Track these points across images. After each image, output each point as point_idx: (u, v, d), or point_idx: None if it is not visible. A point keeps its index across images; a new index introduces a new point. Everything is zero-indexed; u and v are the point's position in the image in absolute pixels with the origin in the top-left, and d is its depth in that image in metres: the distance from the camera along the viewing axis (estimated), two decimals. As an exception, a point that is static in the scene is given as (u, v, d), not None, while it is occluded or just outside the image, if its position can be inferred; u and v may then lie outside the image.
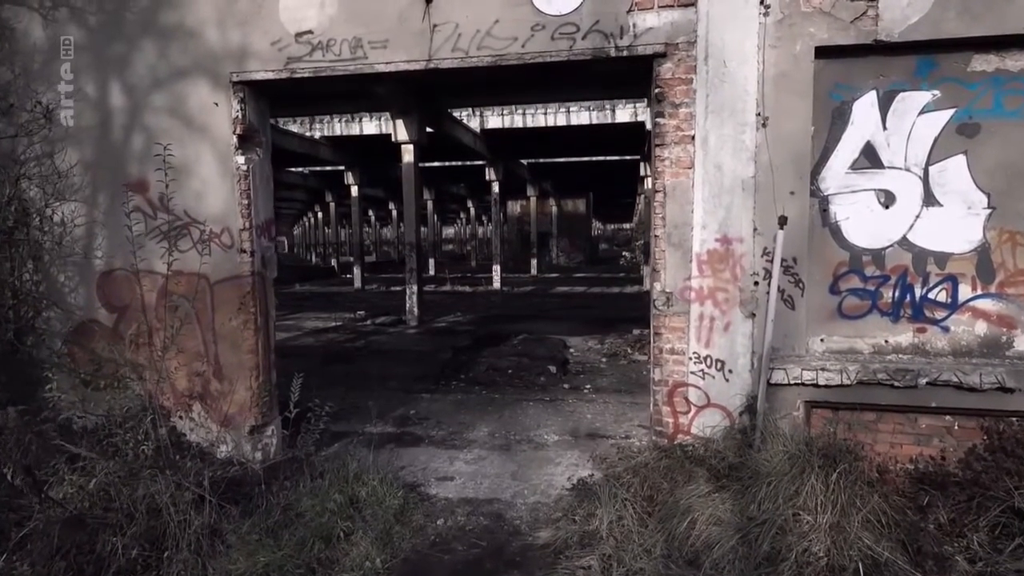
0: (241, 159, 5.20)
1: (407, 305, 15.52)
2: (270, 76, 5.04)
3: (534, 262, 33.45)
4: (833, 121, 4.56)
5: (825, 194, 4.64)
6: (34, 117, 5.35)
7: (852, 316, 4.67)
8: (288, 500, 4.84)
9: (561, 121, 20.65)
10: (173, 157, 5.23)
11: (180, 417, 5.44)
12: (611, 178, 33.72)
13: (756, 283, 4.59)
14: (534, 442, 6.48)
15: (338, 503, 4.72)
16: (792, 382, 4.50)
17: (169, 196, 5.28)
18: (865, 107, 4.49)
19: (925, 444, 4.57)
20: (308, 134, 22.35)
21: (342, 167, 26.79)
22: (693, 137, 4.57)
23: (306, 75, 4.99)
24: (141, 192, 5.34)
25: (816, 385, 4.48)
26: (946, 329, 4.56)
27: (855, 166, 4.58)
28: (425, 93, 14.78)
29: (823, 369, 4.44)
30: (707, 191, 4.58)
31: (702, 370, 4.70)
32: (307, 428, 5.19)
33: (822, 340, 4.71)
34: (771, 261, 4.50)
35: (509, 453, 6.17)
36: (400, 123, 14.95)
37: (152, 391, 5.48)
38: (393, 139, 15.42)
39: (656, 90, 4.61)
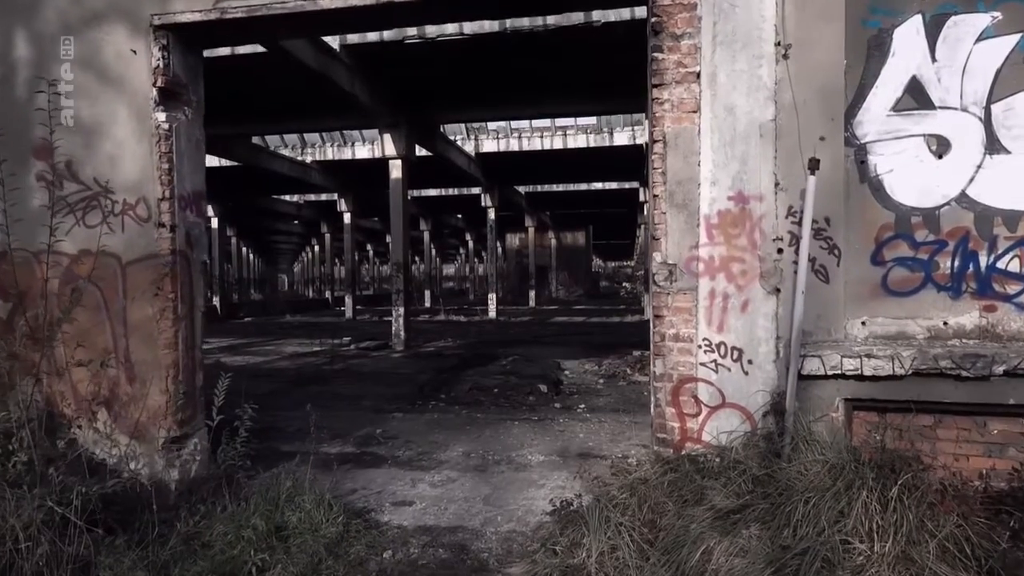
0: (162, 116, 4.39)
1: (393, 328, 14.59)
2: (197, 17, 4.28)
3: (532, 295, 32.59)
4: (870, 53, 3.75)
5: (862, 142, 3.79)
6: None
7: (900, 292, 3.77)
8: (196, 527, 3.87)
9: (558, 144, 20.13)
10: (83, 116, 4.45)
11: (80, 427, 4.48)
12: (611, 209, 33.19)
13: (780, 251, 3.70)
14: (515, 463, 5.49)
15: (259, 531, 3.75)
16: (829, 373, 3.56)
17: (77, 161, 4.45)
18: (908, 35, 3.69)
19: (998, 455, 3.61)
20: (300, 158, 21.83)
21: (335, 195, 26.24)
22: (698, 75, 3.75)
23: (239, 15, 4.23)
24: (45, 158, 4.51)
25: (860, 377, 3.54)
26: (1021, 307, 3.64)
27: (899, 107, 3.74)
28: (412, 102, 14.18)
29: (868, 356, 3.51)
30: (717, 139, 3.74)
31: (714, 361, 3.77)
32: (233, 441, 4.24)
33: (863, 323, 3.79)
34: (798, 223, 3.63)
35: (484, 475, 5.18)
36: (388, 137, 14.31)
37: (50, 395, 4.56)
38: (380, 154, 14.76)
39: (653, 19, 3.81)
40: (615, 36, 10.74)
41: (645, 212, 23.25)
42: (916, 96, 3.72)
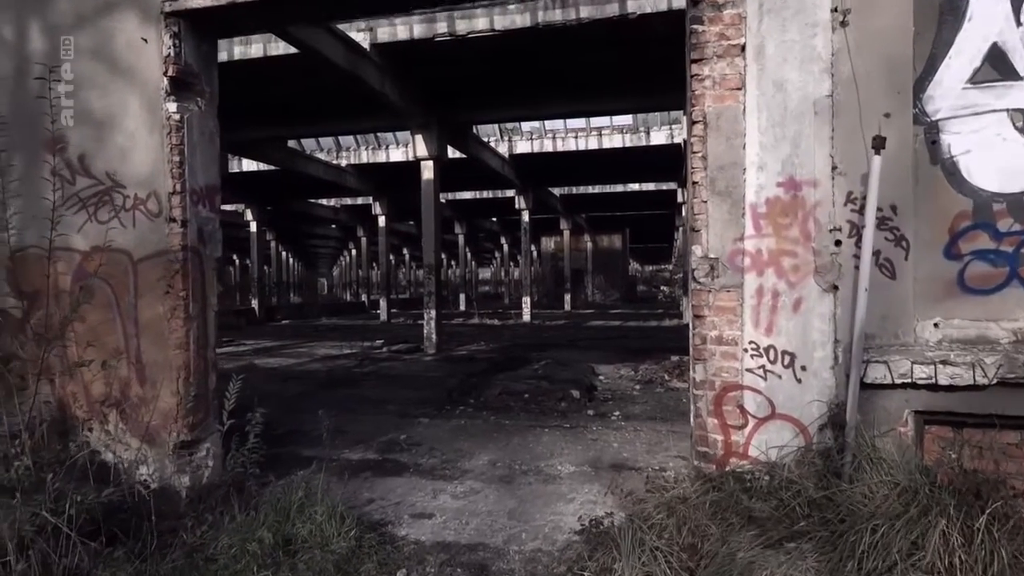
0: (173, 107, 4.21)
1: (425, 332, 14.40)
2: (207, 2, 4.09)
3: (568, 298, 32.15)
4: (942, 18, 3.31)
5: (934, 119, 3.34)
6: (-56, 68, 4.50)
7: (980, 290, 3.30)
8: (202, 538, 3.65)
9: (593, 144, 19.74)
10: (95, 107, 4.31)
11: (91, 429, 4.33)
12: (648, 211, 32.52)
13: (838, 243, 3.28)
14: (543, 474, 5.14)
15: (265, 545, 3.51)
16: (897, 382, 3.13)
17: (90, 155, 4.31)
18: (988, -5, 3.23)
19: (1099, 479, 3.10)
20: (335, 161, 21.95)
21: (370, 198, 26.35)
22: (743, 47, 3.37)
23: (252, -1, 4.02)
24: (59, 152, 4.38)
25: (934, 387, 3.10)
26: None
27: (977, 79, 3.29)
28: (443, 102, 13.99)
29: (944, 363, 3.06)
30: (765, 119, 3.34)
31: (763, 367, 3.37)
32: (245, 447, 4.02)
33: (936, 325, 3.33)
34: (859, 211, 3.21)
35: (510, 486, 4.85)
36: (419, 138, 14.15)
37: (62, 396, 4.43)
38: (412, 156, 14.62)
39: (691, -12, 3.45)
40: (651, 29, 10.32)
41: (683, 214, 22.62)
42: (997, 66, 3.26)
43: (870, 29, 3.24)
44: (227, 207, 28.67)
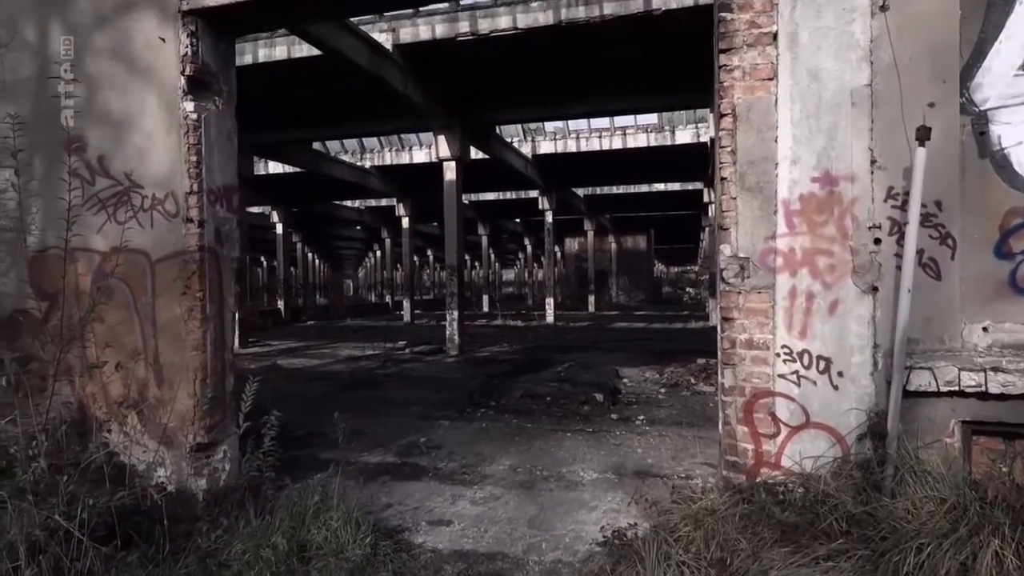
0: (190, 106, 4.17)
1: (447, 333, 14.34)
2: (224, 0, 4.04)
3: (592, 299, 31.89)
4: (990, 1, 3.09)
5: (983, 108, 3.12)
6: (-31, 70, 4.53)
7: (1034, 291, 3.07)
8: (216, 543, 3.59)
9: (617, 144, 19.51)
10: (114, 108, 4.31)
11: (110, 431, 4.31)
12: (673, 211, 32.11)
13: (877, 241, 3.09)
14: (565, 480, 5.00)
15: (279, 551, 3.43)
16: (943, 390, 2.92)
17: (108, 156, 4.30)
18: (1042, -25, 3.01)
19: None
20: (359, 163, 22.06)
21: (394, 199, 26.45)
22: (775, 35, 3.20)
23: (269, -6, 3.96)
24: (78, 152, 4.38)
25: (983, 395, 2.89)
26: None
27: (1029, 65, 3.06)
28: (466, 102, 13.93)
29: (996, 369, 2.85)
30: (798, 110, 3.17)
31: (796, 372, 3.19)
32: (258, 450, 3.96)
33: (986, 329, 3.11)
34: (900, 207, 3.02)
35: (531, 493, 4.72)
36: (442, 138, 14.11)
37: (82, 397, 4.43)
38: (435, 157, 14.58)
39: (720, -26, 3.28)
40: (676, 25, 10.10)
41: (710, 214, 22.24)
42: (1053, 50, 3.03)
43: (912, 13, 3.04)
44: (254, 209, 29.07)
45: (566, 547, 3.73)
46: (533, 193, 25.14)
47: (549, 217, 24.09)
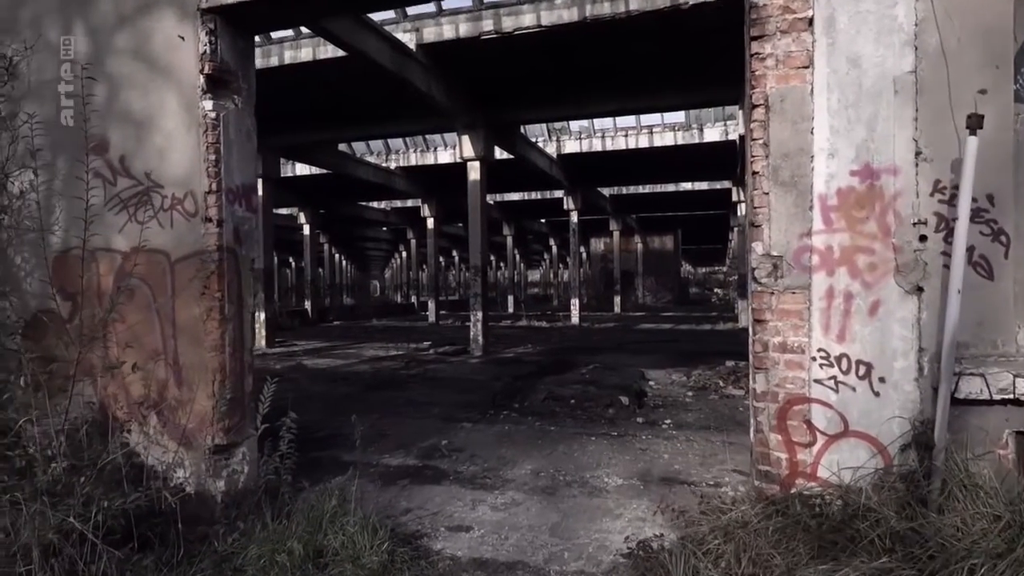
0: (209, 104, 4.14)
1: (471, 334, 14.27)
2: (243, -3, 4.00)
3: (617, 300, 31.59)
4: (1047, -22, 2.87)
5: (1038, 94, 2.91)
6: (-2, 73, 4.57)
7: (1096, 291, 2.85)
8: (233, 547, 3.54)
9: (643, 143, 19.25)
10: (135, 108, 4.30)
11: (130, 431, 4.31)
12: (701, 211, 31.63)
13: (923, 238, 2.89)
14: (589, 486, 4.86)
15: (295, 556, 3.37)
16: (996, 398, 2.72)
17: (130, 156, 4.30)
18: (1105, -51, 2.78)
19: None
20: (384, 164, 22.17)
21: (419, 200, 26.54)
22: (810, 21, 3.02)
23: (287, -10, 3.91)
24: (101, 153, 4.39)
25: (1040, 403, 2.67)
26: None
27: (1091, 47, 2.84)
28: (490, 102, 13.85)
29: (1054, 375, 2.63)
30: (835, 99, 2.99)
31: (833, 378, 3.01)
32: (274, 452, 3.91)
33: (1042, 332, 2.89)
34: (948, 201, 2.82)
35: (553, 499, 4.59)
36: (466, 138, 14.05)
37: (104, 397, 4.43)
38: (459, 157, 14.53)
39: (751, -43, 3.12)
40: (704, 19, 9.88)
41: (738, 213, 21.81)
42: (1118, 31, 2.81)
43: (961, -7, 2.84)
44: (282, 210, 29.46)
45: (589, 557, 3.60)
46: (558, 193, 24.98)
47: (574, 217, 23.89)
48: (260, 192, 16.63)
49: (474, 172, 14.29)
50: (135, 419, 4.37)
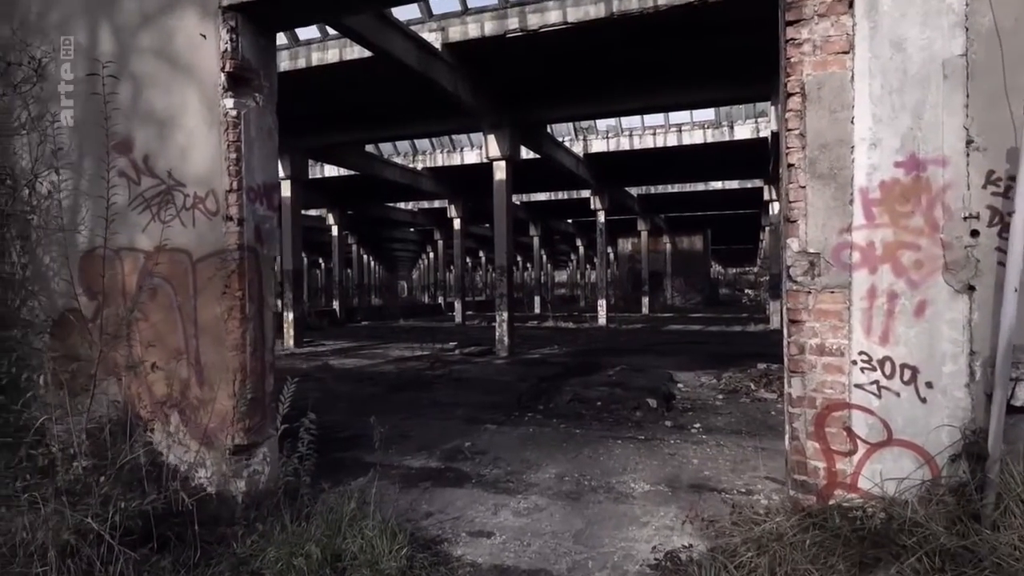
0: (230, 103, 4.12)
1: (497, 334, 14.19)
2: (263, -7, 3.96)
3: (645, 301, 31.21)
4: (1113, -49, 2.65)
5: (1103, 77, 2.68)
6: (27, 74, 4.62)
7: None
8: (251, 549, 3.49)
9: (672, 142, 18.94)
10: (158, 107, 4.30)
11: (153, 430, 4.31)
12: (731, 211, 31.07)
13: (975, 233, 2.70)
14: (614, 491, 4.72)
15: (312, 560, 3.30)
16: (1057, 405, 2.51)
17: (153, 155, 4.31)
18: None
19: None
20: (411, 165, 22.25)
21: (446, 201, 26.59)
22: (851, 2, 2.85)
23: (306, -14, 3.85)
24: (125, 152, 4.41)
25: (1107, 412, 2.46)
26: None
27: None
28: (516, 101, 13.75)
29: (1123, 382, 2.41)
30: (878, 86, 2.80)
31: (876, 382, 2.82)
32: (293, 454, 3.85)
33: (1107, 334, 2.67)
34: (1004, 194, 2.62)
35: (577, 504, 4.46)
36: (492, 138, 13.97)
37: (128, 396, 4.44)
38: (485, 156, 14.46)
39: (786, -63, 2.95)
40: (736, 12, 9.63)
41: (771, 212, 21.32)
42: None
43: (1018, -30, 2.64)
44: (311, 212, 29.82)
45: (614, 567, 3.46)
46: (585, 193, 24.78)
47: (601, 217, 23.65)
48: (289, 193, 16.82)
49: (500, 172, 14.21)
50: (158, 418, 4.37)
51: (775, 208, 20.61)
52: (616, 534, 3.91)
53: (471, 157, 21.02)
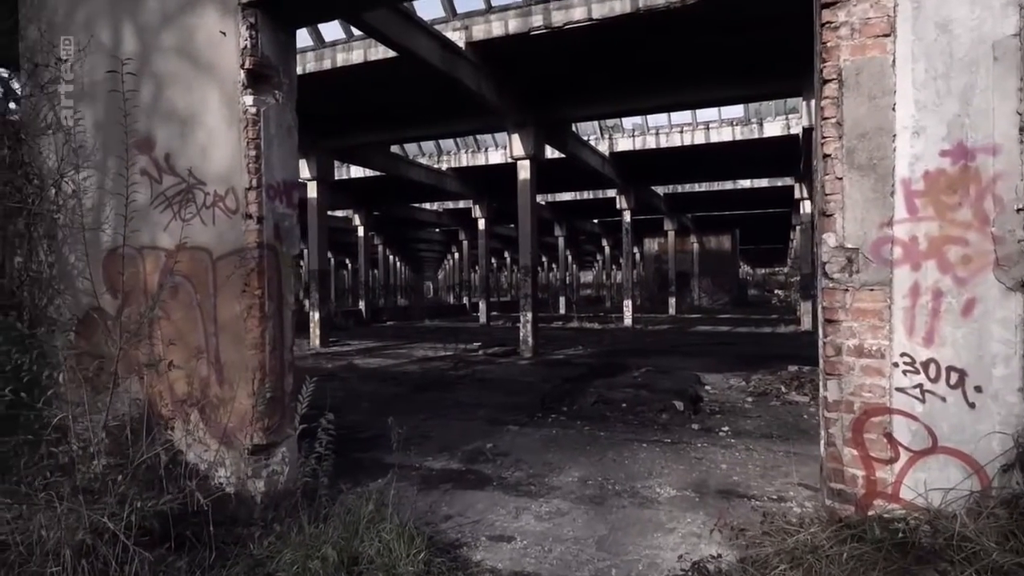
0: (250, 100, 4.09)
1: (521, 335, 14.08)
2: (282, -12, 3.92)
3: (672, 302, 30.79)
4: None
5: None
6: (53, 75, 4.67)
7: None
8: (268, 550, 3.44)
9: (699, 139, 18.61)
10: (179, 105, 4.30)
11: (173, 429, 4.30)
12: (760, 209, 30.48)
13: (1029, 226, 2.51)
14: (639, 496, 4.58)
15: (328, 564, 3.24)
16: (1122, 412, 2.31)
17: (174, 153, 4.31)
18: None
19: None
20: (436, 166, 22.29)
21: (470, 201, 26.59)
22: (892, -18, 2.67)
23: (324, -20, 3.80)
24: (146, 151, 4.42)
25: None
26: None
27: None
28: (540, 99, 13.64)
29: None
30: (922, 70, 2.63)
31: (920, 386, 2.65)
32: (313, 454, 3.80)
33: None
34: (1061, 183, 2.42)
35: (600, 509, 4.34)
36: (516, 137, 13.87)
37: (151, 394, 4.45)
38: (510, 156, 14.37)
39: (822, -85, 2.79)
40: (764, 7, 9.39)
41: (801, 211, 20.83)
42: None
43: (1077, -58, 2.45)
44: (338, 213, 30.09)
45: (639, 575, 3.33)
46: (611, 192, 24.53)
47: (627, 217, 23.37)
48: (315, 194, 16.94)
49: (524, 171, 14.10)
50: (179, 417, 4.36)
51: (806, 207, 20.14)
52: (641, 541, 3.78)
53: (496, 157, 20.96)
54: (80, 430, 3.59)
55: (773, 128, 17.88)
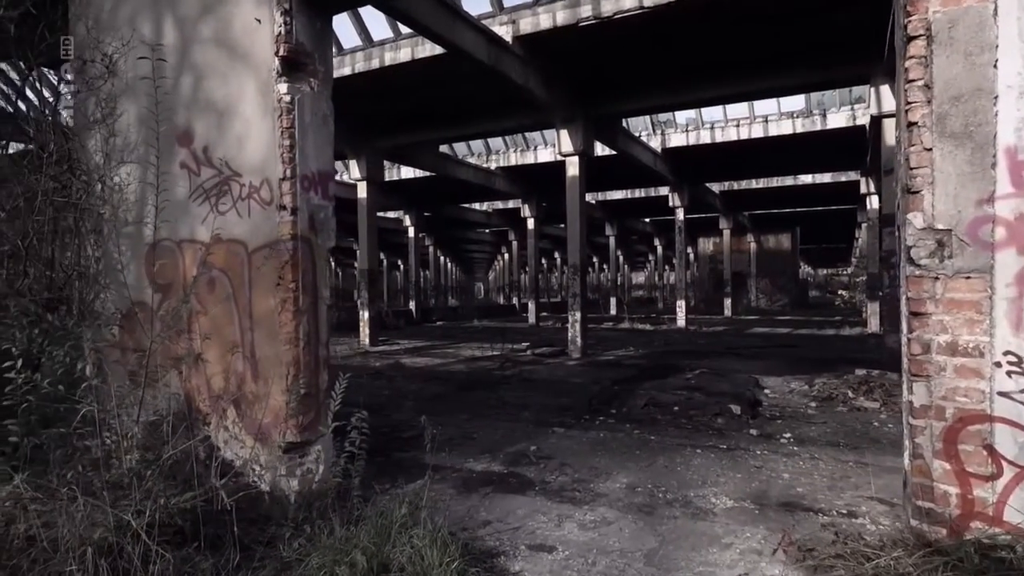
0: (284, 88, 3.98)
1: (569, 335, 13.77)
2: (316, -29, 3.79)
3: (728, 303, 29.78)
4: None
5: None
6: (100, 71, 4.71)
7: None
8: (298, 552, 3.30)
9: (757, 133, 17.85)
10: (216, 96, 4.24)
11: (207, 424, 4.24)
12: (822, 207, 29.12)
13: None
14: (692, 506, 4.24)
15: (358, 569, 3.07)
16: None
17: (212, 145, 4.25)
18: None
19: None
20: (484, 165, 22.21)
21: (519, 201, 26.41)
22: (993, -81, 2.29)
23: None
24: (186, 144, 4.39)
25: None
26: None
27: None
28: (589, 93, 13.31)
29: None
30: (1030, 19, 2.24)
31: (1028, 390, 2.25)
32: (344, 452, 3.65)
33: None
34: None
35: (650, 519, 4.03)
36: (564, 133, 13.58)
37: (188, 389, 4.41)
38: (558, 152, 14.10)
39: None
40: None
41: (868, 208, 19.71)
42: None
43: None
44: (390, 215, 30.46)
45: (691, 596, 3.02)
46: (663, 190, 23.91)
47: (680, 215, 22.69)
48: (364, 195, 17.09)
49: (572, 168, 13.79)
50: (215, 412, 4.30)
51: (873, 202, 19.04)
52: (694, 556, 3.46)
53: (544, 155, 20.72)
54: (113, 424, 3.54)
55: (837, 119, 16.98)
